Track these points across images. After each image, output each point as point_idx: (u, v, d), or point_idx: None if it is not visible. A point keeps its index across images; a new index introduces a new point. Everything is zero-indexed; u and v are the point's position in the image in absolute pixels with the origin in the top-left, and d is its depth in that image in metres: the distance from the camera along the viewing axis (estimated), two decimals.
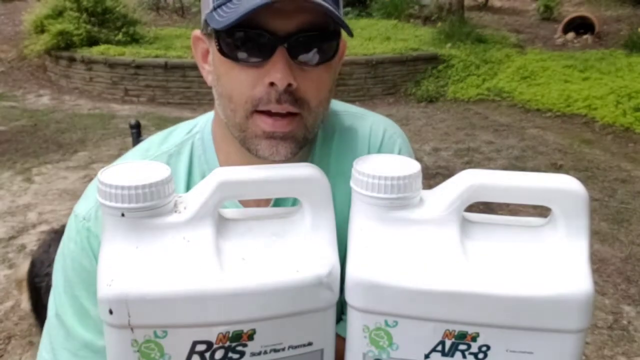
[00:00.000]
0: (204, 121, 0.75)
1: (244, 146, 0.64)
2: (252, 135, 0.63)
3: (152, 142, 0.75)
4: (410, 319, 0.51)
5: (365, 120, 0.79)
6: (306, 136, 0.64)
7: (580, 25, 7.17)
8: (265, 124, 0.61)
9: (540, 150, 4.23)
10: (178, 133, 0.75)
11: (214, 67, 0.65)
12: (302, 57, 0.60)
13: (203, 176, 0.71)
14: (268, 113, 0.61)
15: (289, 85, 0.59)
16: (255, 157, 0.64)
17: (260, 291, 0.50)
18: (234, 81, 0.62)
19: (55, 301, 0.71)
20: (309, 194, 0.54)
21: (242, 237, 0.54)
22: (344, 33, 0.64)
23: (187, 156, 0.72)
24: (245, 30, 0.59)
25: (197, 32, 0.69)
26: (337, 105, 0.81)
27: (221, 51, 0.61)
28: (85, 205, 0.69)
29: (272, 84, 0.59)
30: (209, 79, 0.67)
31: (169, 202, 0.51)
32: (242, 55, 0.60)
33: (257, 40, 0.59)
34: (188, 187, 0.71)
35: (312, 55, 0.61)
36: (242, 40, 0.59)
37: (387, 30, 7.15)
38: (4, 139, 4.47)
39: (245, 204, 0.68)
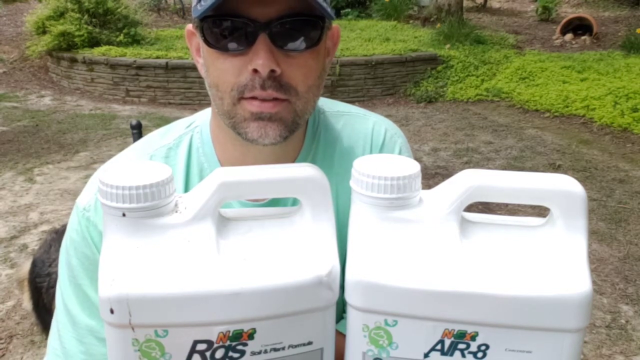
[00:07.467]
0: (204, 116, 0.76)
1: (235, 132, 0.65)
2: (241, 119, 0.64)
3: (153, 136, 0.77)
4: (410, 318, 0.51)
5: (368, 120, 0.80)
6: (296, 120, 0.65)
7: (579, 27, 7.18)
8: (252, 105, 0.62)
9: (538, 151, 4.23)
10: (178, 127, 0.77)
11: (203, 59, 0.67)
12: (285, 44, 0.61)
13: (201, 169, 0.72)
14: (254, 98, 0.62)
15: (273, 71, 0.60)
16: (248, 144, 0.65)
17: (261, 291, 0.50)
18: (220, 70, 0.63)
19: (62, 290, 0.73)
20: (309, 194, 0.54)
21: (242, 237, 0.54)
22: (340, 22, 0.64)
23: (185, 149, 0.73)
24: (227, 18, 0.60)
25: (190, 26, 0.70)
26: (339, 105, 0.82)
27: (206, 41, 0.63)
28: (86, 196, 0.71)
29: (255, 70, 0.60)
30: (202, 71, 0.69)
31: (169, 202, 0.52)
32: (226, 44, 0.61)
33: (239, 28, 0.60)
34: (186, 180, 0.72)
35: (296, 41, 0.62)
36: (225, 29, 0.61)
37: (386, 31, 7.16)
38: (5, 140, 4.47)
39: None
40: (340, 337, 0.56)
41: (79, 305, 0.71)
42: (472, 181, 0.52)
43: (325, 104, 0.81)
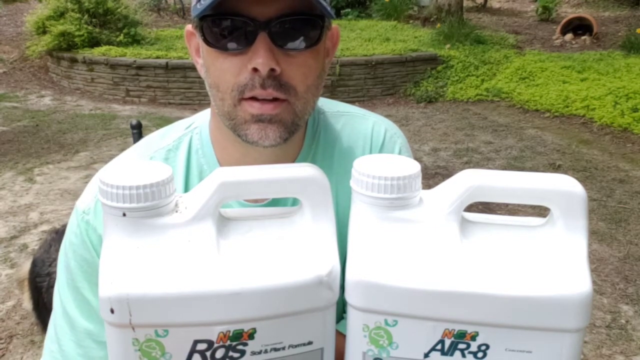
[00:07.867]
0: (203, 117, 0.76)
1: (235, 133, 0.65)
2: (242, 121, 0.64)
3: (152, 138, 0.77)
4: (410, 318, 0.51)
5: (367, 120, 0.80)
6: (295, 121, 0.65)
7: (579, 27, 7.18)
8: (252, 107, 0.62)
9: (538, 151, 4.24)
10: (177, 128, 0.77)
11: (203, 59, 0.66)
12: (285, 43, 0.61)
13: (200, 170, 0.72)
14: (254, 99, 0.62)
15: (272, 70, 0.60)
16: (248, 145, 0.65)
17: (261, 290, 0.50)
18: (220, 70, 0.63)
19: (60, 293, 0.73)
20: (309, 194, 0.54)
21: (242, 236, 0.54)
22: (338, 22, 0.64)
23: (185, 150, 0.73)
24: (226, 17, 0.60)
25: (189, 26, 0.70)
26: (339, 105, 0.82)
27: (206, 41, 0.62)
28: (85, 199, 0.71)
29: (255, 69, 0.60)
30: (202, 72, 0.68)
31: (170, 202, 0.52)
32: (225, 43, 0.61)
33: (239, 27, 0.60)
34: (186, 181, 0.72)
35: (296, 41, 0.62)
36: (224, 28, 0.61)
37: (386, 31, 7.15)
38: (6, 140, 4.48)
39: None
40: (340, 337, 0.56)
41: (77, 309, 0.70)
42: (472, 181, 0.53)
43: (325, 104, 0.81)
